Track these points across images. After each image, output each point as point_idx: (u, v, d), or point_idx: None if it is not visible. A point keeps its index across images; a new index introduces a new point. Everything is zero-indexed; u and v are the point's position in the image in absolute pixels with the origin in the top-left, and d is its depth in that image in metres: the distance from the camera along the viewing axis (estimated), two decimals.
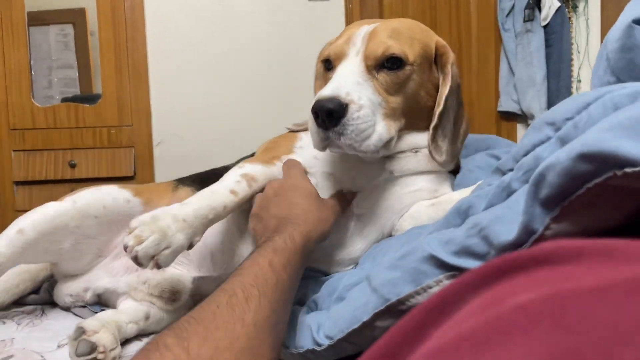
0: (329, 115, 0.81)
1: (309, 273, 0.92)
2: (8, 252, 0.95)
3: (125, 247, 0.75)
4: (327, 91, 0.83)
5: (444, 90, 0.93)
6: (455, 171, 1.05)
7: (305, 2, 2.85)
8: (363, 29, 0.92)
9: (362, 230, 0.95)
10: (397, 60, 0.88)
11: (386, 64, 0.88)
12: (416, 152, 0.95)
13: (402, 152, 0.95)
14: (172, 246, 0.76)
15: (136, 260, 0.75)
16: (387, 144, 0.89)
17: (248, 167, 0.93)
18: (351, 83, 0.85)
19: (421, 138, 0.96)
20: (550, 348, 0.20)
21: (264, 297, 0.61)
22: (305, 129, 1.07)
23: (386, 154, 0.94)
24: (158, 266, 0.76)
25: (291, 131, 1.11)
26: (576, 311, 0.21)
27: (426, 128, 0.95)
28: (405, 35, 0.92)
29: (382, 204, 0.95)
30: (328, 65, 0.96)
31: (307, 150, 0.98)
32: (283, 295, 0.66)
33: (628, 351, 0.18)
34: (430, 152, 0.93)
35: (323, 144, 0.86)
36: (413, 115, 0.94)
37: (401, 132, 0.93)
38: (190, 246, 0.80)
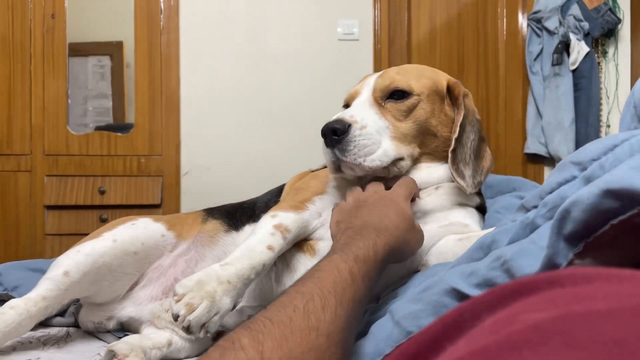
0: (334, 133, 0.89)
1: None
2: (54, 295, 0.97)
3: (176, 317, 0.74)
4: (334, 117, 0.93)
5: (458, 117, 0.98)
6: (482, 210, 1.06)
7: (335, 41, 2.92)
8: (377, 74, 1.02)
9: (389, 269, 0.94)
10: (402, 91, 0.96)
11: (393, 95, 0.96)
12: (437, 188, 0.98)
13: (426, 188, 0.98)
14: (220, 311, 0.76)
15: (187, 329, 0.73)
16: (397, 163, 0.94)
17: (281, 216, 0.93)
18: (357, 109, 0.95)
19: (440, 170, 0.99)
20: None
21: (340, 307, 0.59)
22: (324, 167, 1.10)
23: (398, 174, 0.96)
24: (206, 332, 0.75)
25: (312, 171, 1.13)
26: (585, 329, 0.22)
27: (445, 160, 0.99)
28: (412, 72, 1.00)
29: None
30: (346, 108, 1.03)
31: (340, 190, 1.01)
32: (358, 307, 0.63)
33: None
34: (452, 174, 0.95)
35: (335, 166, 0.93)
36: (428, 145, 0.98)
37: (418, 162, 0.98)
38: (233, 308, 0.80)
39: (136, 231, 1.06)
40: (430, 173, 0.98)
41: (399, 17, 2.99)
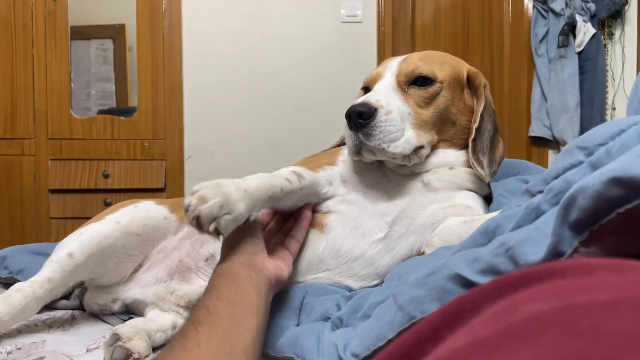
0: (359, 117, 0.90)
1: (334, 288, 0.93)
2: (59, 277, 0.98)
3: (187, 208, 0.74)
4: (359, 99, 0.93)
5: (479, 108, 1.00)
6: (488, 200, 1.07)
7: (339, 23, 2.90)
8: (398, 58, 1.03)
9: (393, 247, 0.97)
10: (426, 78, 0.97)
11: (416, 82, 0.98)
12: (451, 168, 1.00)
13: (438, 167, 1.00)
14: (233, 213, 0.74)
15: (198, 220, 0.73)
16: (418, 151, 0.96)
17: (296, 168, 0.94)
18: (382, 94, 0.95)
19: (456, 155, 1.01)
20: (559, 353, 0.20)
21: (198, 325, 0.63)
22: (338, 145, 1.12)
23: (418, 167, 0.99)
24: (217, 232, 0.74)
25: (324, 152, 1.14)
26: (586, 320, 0.22)
27: (462, 147, 1.02)
28: (435, 59, 1.01)
29: (417, 220, 0.97)
30: (366, 90, 1.04)
31: (348, 164, 1.02)
32: (221, 314, 0.66)
33: (635, 358, 0.19)
34: (472, 164, 0.98)
35: (356, 149, 0.94)
36: (446, 132, 1.00)
37: (435, 148, 1.00)
38: (247, 220, 0.79)
39: (139, 213, 1.07)
40: (446, 157, 1.01)
41: None
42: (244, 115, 2.87)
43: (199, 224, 0.73)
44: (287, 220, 0.97)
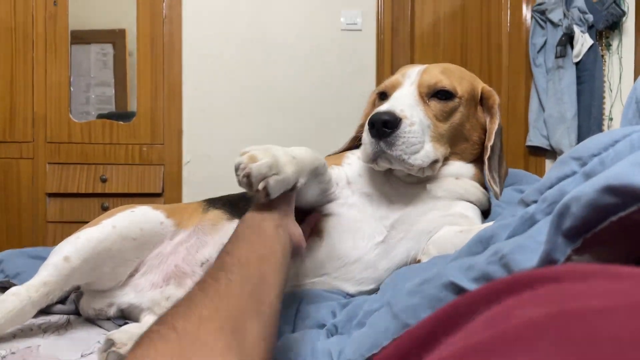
0: (384, 126, 0.90)
1: (330, 295, 0.93)
2: (55, 280, 0.97)
3: (237, 167, 0.77)
4: (383, 107, 0.94)
5: (493, 126, 1.03)
6: (486, 216, 1.08)
7: (338, 31, 2.91)
8: (417, 67, 1.04)
9: (390, 251, 0.98)
10: (447, 92, 0.99)
11: (437, 94, 0.99)
12: (457, 178, 1.02)
13: (444, 177, 1.02)
14: (281, 174, 0.76)
15: (248, 178, 0.75)
16: (433, 165, 0.97)
17: None
18: (405, 104, 0.95)
19: (465, 168, 1.03)
20: (553, 359, 0.20)
21: (230, 274, 0.63)
22: (342, 151, 1.13)
23: (428, 178, 1.00)
24: (266, 193, 0.76)
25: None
26: (581, 326, 0.22)
27: (469, 161, 1.04)
28: (455, 73, 1.03)
29: (415, 226, 0.98)
30: (383, 96, 1.06)
31: (354, 167, 1.05)
32: (251, 268, 0.66)
33: None
34: (489, 182, 1.00)
35: (374, 156, 0.94)
36: (458, 146, 1.03)
37: (446, 160, 1.01)
38: (293, 187, 0.81)
39: (135, 218, 1.07)
40: (454, 169, 1.02)
41: (402, 7, 2.98)
42: (243, 121, 2.87)
43: (249, 181, 0.76)
44: None
